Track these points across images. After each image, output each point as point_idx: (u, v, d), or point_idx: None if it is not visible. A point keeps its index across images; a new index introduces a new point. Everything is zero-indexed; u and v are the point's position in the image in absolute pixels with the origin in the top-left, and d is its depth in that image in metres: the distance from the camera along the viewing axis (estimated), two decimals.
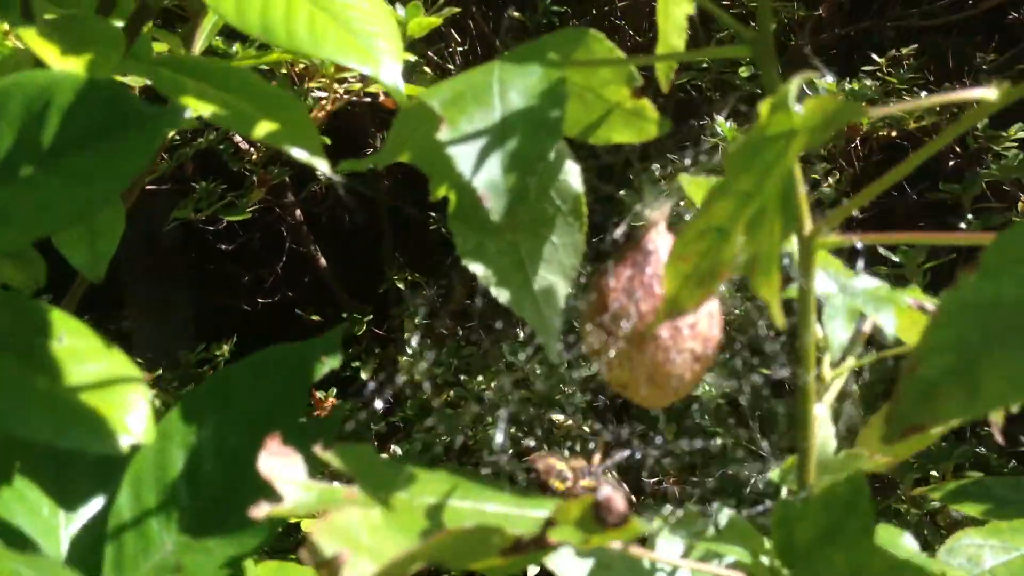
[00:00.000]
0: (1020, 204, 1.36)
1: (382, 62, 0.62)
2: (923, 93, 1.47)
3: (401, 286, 2.00)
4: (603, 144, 0.56)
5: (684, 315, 0.43)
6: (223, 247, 2.12)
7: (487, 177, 0.45)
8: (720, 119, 1.34)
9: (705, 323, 0.48)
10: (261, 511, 0.44)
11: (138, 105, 0.43)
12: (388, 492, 0.47)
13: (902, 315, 0.55)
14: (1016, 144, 1.41)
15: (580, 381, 1.44)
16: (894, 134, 1.44)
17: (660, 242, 0.48)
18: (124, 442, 0.45)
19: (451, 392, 1.77)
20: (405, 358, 1.76)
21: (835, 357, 0.52)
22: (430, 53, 1.68)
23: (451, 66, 1.75)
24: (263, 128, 0.49)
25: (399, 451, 1.60)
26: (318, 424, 0.53)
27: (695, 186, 0.56)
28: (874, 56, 1.52)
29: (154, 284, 2.47)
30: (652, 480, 1.47)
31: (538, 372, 1.55)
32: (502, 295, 0.56)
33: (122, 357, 0.48)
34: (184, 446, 0.53)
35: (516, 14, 1.66)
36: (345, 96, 0.95)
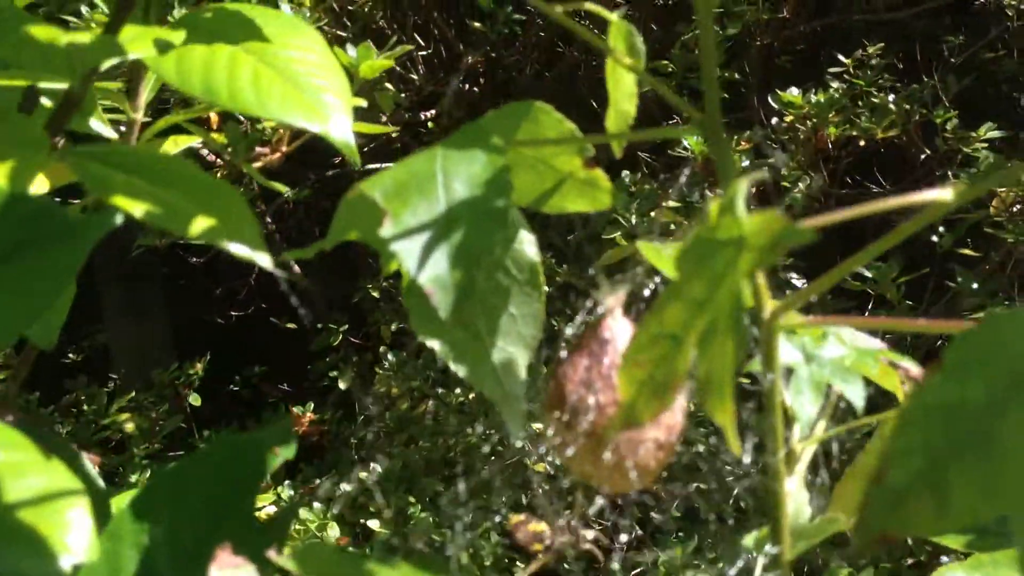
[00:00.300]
0: (991, 208, 1.35)
1: (331, 118, 0.60)
2: (890, 96, 1.45)
3: (375, 295, 1.98)
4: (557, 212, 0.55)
5: (640, 426, 0.41)
6: (194, 260, 2.09)
7: (433, 273, 0.43)
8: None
9: (667, 412, 0.46)
10: None
11: (64, 217, 0.41)
12: None
13: (877, 367, 0.54)
14: (986, 144, 1.40)
15: None
16: (863, 143, 1.42)
17: (617, 329, 0.47)
18: (66, 563, 0.43)
19: (429, 403, 1.75)
20: (382, 371, 1.74)
21: (804, 432, 0.50)
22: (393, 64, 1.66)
23: (414, 75, 1.73)
24: (200, 224, 0.47)
25: (379, 468, 1.58)
26: (272, 524, 0.51)
27: (653, 253, 0.55)
28: (840, 57, 1.50)
29: (130, 293, 2.44)
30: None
31: None
32: (460, 370, 0.54)
33: (62, 469, 0.46)
34: (136, 547, 0.51)
35: (477, 24, 1.63)
36: (303, 133, 0.93)
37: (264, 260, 0.48)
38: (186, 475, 0.53)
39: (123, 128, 0.81)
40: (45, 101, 0.63)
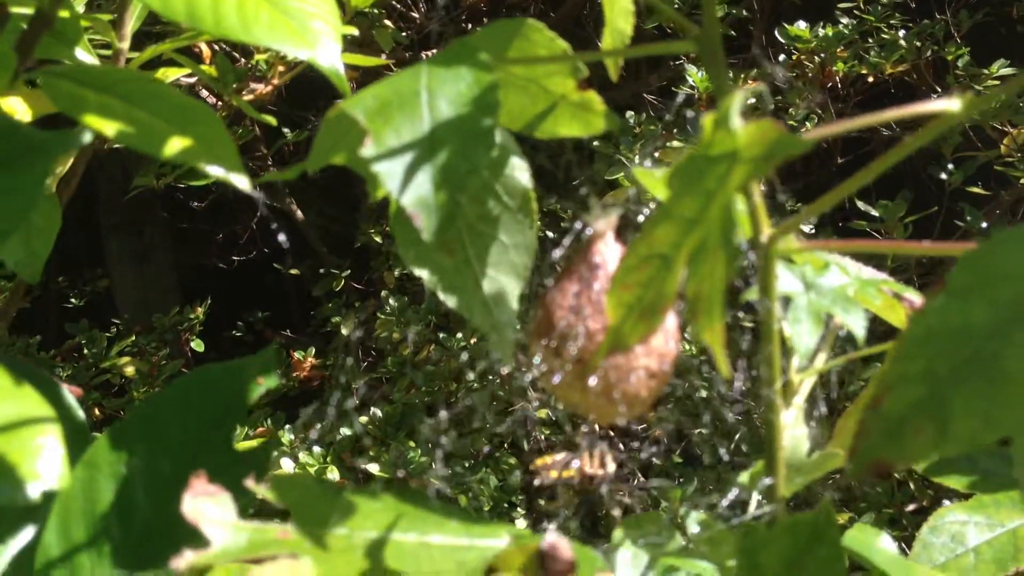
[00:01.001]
0: (1002, 147, 1.32)
1: (319, 44, 0.58)
2: (901, 32, 1.42)
3: (378, 239, 1.96)
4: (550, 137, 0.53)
5: (628, 349, 0.40)
6: (195, 204, 2.07)
7: (416, 195, 0.41)
8: (691, 68, 1.30)
9: (660, 339, 0.44)
10: (184, 560, 0.41)
11: (27, 135, 0.39)
12: (325, 528, 0.44)
13: (880, 299, 0.52)
14: (998, 81, 1.37)
15: None
16: (871, 80, 1.39)
17: (608, 254, 0.45)
18: (35, 490, 0.42)
19: (431, 348, 1.74)
20: (384, 316, 1.73)
21: (803, 362, 0.48)
22: (394, 2, 1.63)
23: (415, 13, 1.70)
24: (175, 145, 0.45)
25: (379, 413, 1.57)
26: (251, 454, 0.49)
27: (649, 178, 0.53)
28: None
29: (132, 238, 2.43)
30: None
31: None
32: (450, 300, 0.53)
33: (34, 396, 0.44)
34: (113, 476, 0.50)
35: None
36: (296, 65, 0.91)
37: (241, 182, 0.47)
38: (165, 405, 0.51)
39: (110, 58, 0.79)
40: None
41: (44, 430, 0.43)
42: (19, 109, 0.67)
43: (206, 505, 0.43)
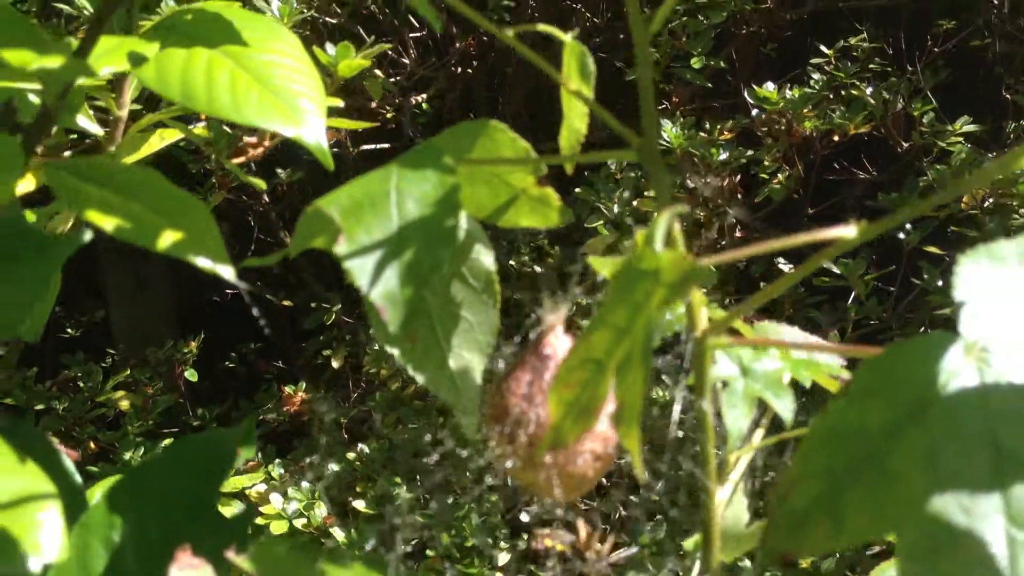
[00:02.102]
0: (963, 203, 1.37)
1: (305, 122, 0.62)
2: (868, 89, 1.47)
3: None
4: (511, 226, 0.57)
5: (566, 446, 0.44)
6: None
7: (384, 289, 0.46)
8: (668, 124, 1.35)
9: (604, 423, 0.49)
10: None
11: (38, 235, 0.44)
12: None
13: (820, 374, 0.57)
14: (961, 138, 1.42)
15: None
16: (836, 138, 1.45)
17: (558, 345, 0.49)
18: (36, 563, 0.46)
19: (417, 384, 1.78)
20: (372, 352, 1.77)
21: (735, 445, 0.53)
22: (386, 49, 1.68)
23: (405, 59, 1.75)
24: (167, 238, 0.50)
25: (367, 450, 1.61)
26: (233, 523, 0.54)
27: (602, 265, 0.57)
28: (823, 48, 1.52)
29: (129, 269, 2.47)
30: None
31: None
32: (419, 376, 0.57)
33: (36, 471, 0.49)
34: (105, 542, 0.54)
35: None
36: None
37: (226, 272, 0.51)
38: (153, 473, 0.56)
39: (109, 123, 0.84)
40: (33, 98, 0.66)
41: (46, 505, 0.47)
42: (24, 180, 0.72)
43: None
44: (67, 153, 1.02)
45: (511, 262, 1.68)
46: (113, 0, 0.54)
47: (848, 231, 0.40)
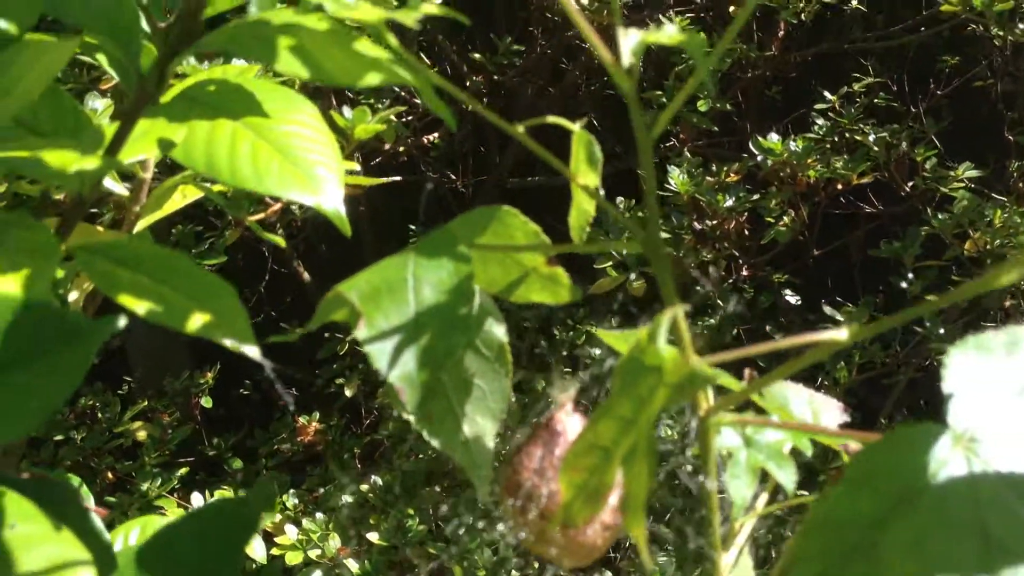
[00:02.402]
0: (967, 247, 1.39)
1: (323, 191, 0.65)
2: (871, 136, 1.50)
3: None
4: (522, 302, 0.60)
5: (576, 527, 0.47)
6: (205, 266, 2.15)
7: (401, 372, 0.48)
8: (675, 171, 1.37)
9: (614, 495, 0.51)
10: None
11: (72, 322, 0.47)
12: None
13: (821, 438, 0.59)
14: (963, 184, 1.44)
15: None
16: (840, 186, 1.47)
17: (568, 423, 0.52)
18: None
19: None
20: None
21: (739, 514, 0.55)
22: (397, 89, 1.71)
23: (417, 100, 1.78)
24: (196, 321, 0.53)
25: (380, 481, 1.64)
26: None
27: (612, 339, 0.60)
28: (826, 94, 1.54)
29: None
30: None
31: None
32: (434, 441, 0.59)
33: (71, 538, 0.51)
34: None
35: (477, 56, 1.68)
36: None
37: (252, 351, 0.54)
38: (181, 534, 0.58)
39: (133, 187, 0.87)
40: None
41: (80, 571, 0.50)
42: None
43: None
44: (92, 210, 1.05)
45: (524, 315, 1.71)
46: (144, 99, 0.57)
47: (840, 334, 0.42)
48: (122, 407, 1.88)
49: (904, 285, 1.45)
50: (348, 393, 2.05)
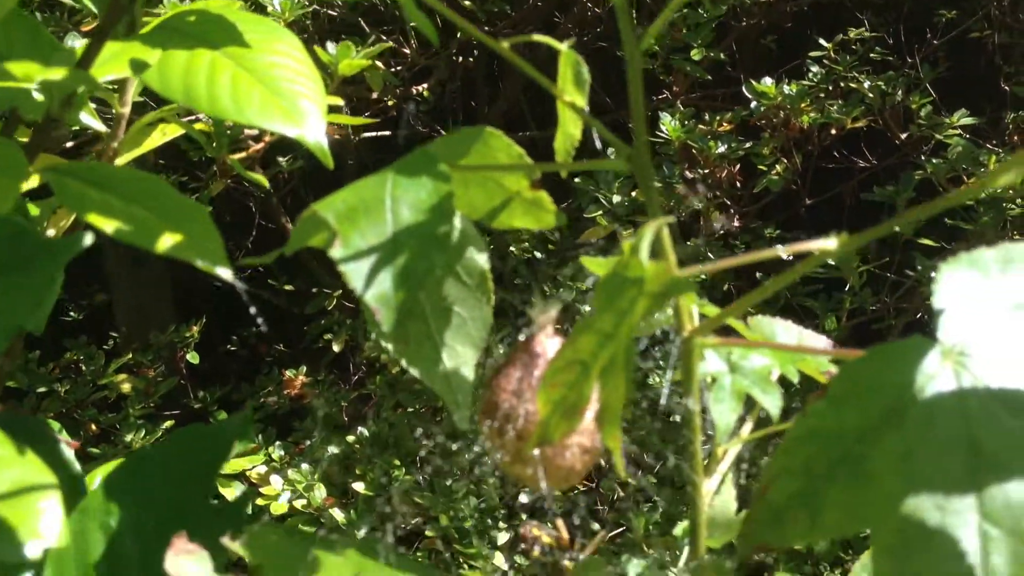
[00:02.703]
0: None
1: (306, 123, 0.63)
2: (866, 83, 1.48)
3: None
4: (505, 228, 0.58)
5: (553, 443, 0.45)
6: None
7: (378, 292, 0.47)
8: (666, 117, 1.35)
9: (591, 418, 0.50)
10: None
11: (40, 240, 0.45)
12: None
13: (808, 368, 0.58)
14: (959, 131, 1.43)
15: None
16: (833, 131, 1.46)
17: (548, 344, 0.51)
18: (36, 548, 0.47)
19: None
20: (372, 339, 1.78)
21: (722, 439, 0.54)
22: (384, 38, 1.69)
23: (407, 49, 1.76)
24: (167, 241, 0.51)
25: (366, 432, 1.63)
26: (229, 509, 0.55)
27: (595, 265, 0.58)
28: (822, 41, 1.53)
29: (131, 252, 2.49)
30: None
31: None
32: (413, 370, 0.58)
33: (36, 462, 0.50)
34: (104, 528, 0.55)
35: (467, 3, 1.66)
36: None
37: (225, 273, 0.52)
38: (151, 462, 0.57)
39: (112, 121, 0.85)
40: (37, 95, 0.67)
41: (45, 494, 0.49)
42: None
43: (186, 563, 0.48)
44: (69, 144, 1.03)
45: (512, 248, 1.69)
46: (117, 12, 0.55)
47: (829, 243, 0.41)
48: (106, 361, 1.87)
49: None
50: (336, 348, 2.04)
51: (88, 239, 0.47)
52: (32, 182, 0.74)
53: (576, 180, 1.47)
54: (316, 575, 0.51)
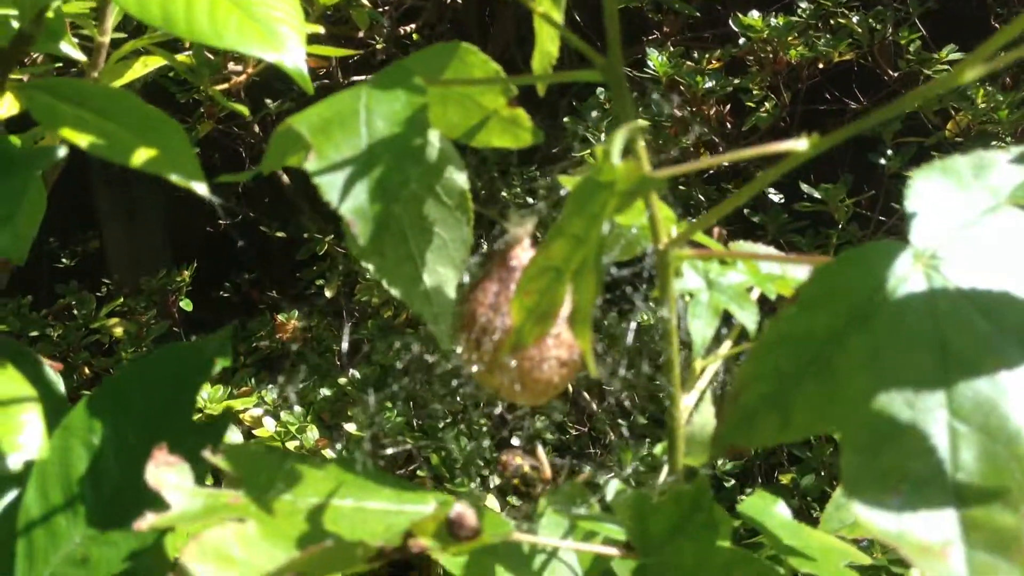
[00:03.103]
0: (947, 131, 1.37)
1: (285, 48, 0.63)
2: (855, 18, 1.47)
3: None
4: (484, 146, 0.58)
5: (526, 349, 0.46)
6: None
7: (353, 204, 0.47)
8: (653, 52, 1.35)
9: (569, 331, 0.50)
10: (146, 522, 0.47)
11: (8, 150, 0.45)
12: (272, 495, 0.50)
13: (786, 287, 0.58)
14: (947, 67, 1.42)
15: None
16: (821, 66, 1.45)
17: (524, 258, 0.51)
18: (17, 460, 0.48)
19: (409, 312, 1.80)
20: (364, 281, 1.79)
21: (699, 353, 0.54)
22: None
23: None
24: (141, 155, 0.51)
25: (357, 375, 1.63)
26: (210, 425, 0.55)
27: (571, 182, 0.59)
28: None
29: (123, 198, 2.48)
30: None
31: None
32: (393, 290, 0.58)
33: (17, 376, 0.50)
34: (86, 444, 0.56)
35: None
36: None
37: (200, 188, 0.52)
38: (132, 379, 0.57)
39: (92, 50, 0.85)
40: (15, 24, 0.67)
41: (26, 408, 0.49)
42: (6, 103, 0.73)
43: (166, 474, 0.49)
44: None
45: (503, 193, 1.69)
46: None
47: (800, 144, 0.41)
48: (98, 306, 1.87)
49: (883, 162, 1.44)
50: (328, 294, 2.04)
51: (62, 151, 0.47)
52: (11, 110, 0.73)
53: (565, 120, 1.47)
54: (295, 488, 0.51)
